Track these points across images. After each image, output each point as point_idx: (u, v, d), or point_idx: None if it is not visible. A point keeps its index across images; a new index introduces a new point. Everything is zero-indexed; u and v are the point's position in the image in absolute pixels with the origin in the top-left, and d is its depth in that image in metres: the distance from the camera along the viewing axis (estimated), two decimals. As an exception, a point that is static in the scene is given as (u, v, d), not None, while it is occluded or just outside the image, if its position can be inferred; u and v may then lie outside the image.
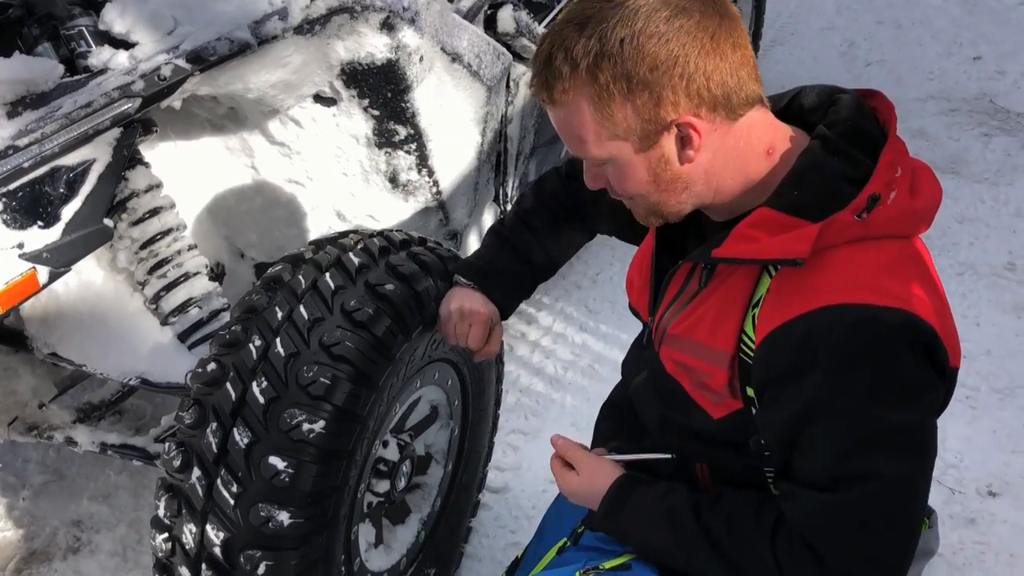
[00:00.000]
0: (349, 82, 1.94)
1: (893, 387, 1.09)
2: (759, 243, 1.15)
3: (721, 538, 1.19)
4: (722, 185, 1.20)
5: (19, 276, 1.49)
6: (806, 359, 1.09)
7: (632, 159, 1.17)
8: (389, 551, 1.81)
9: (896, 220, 1.15)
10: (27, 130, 1.44)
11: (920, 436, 1.11)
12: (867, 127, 1.20)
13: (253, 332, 1.44)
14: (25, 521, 2.24)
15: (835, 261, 1.12)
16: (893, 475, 1.09)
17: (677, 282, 1.31)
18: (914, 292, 1.11)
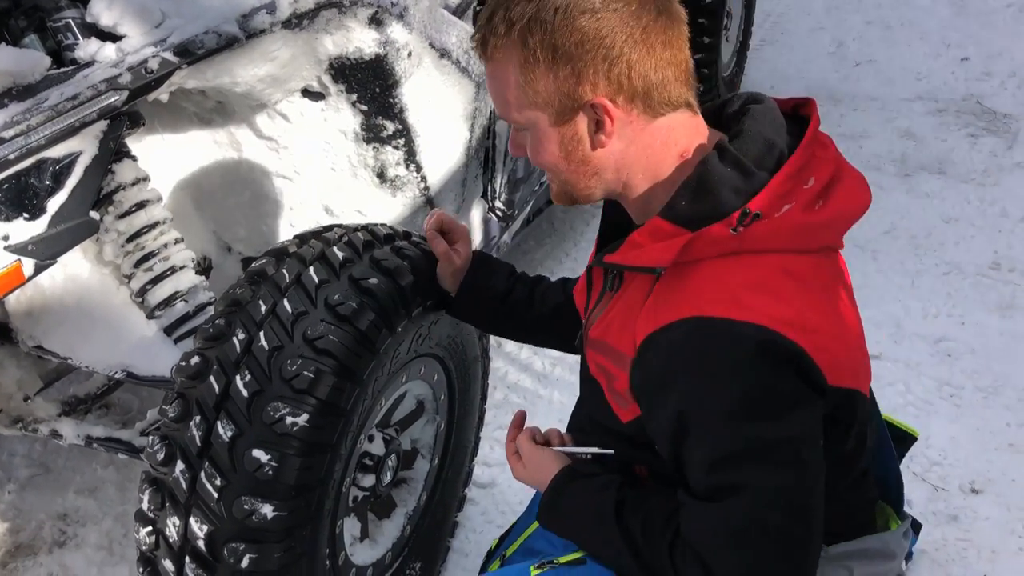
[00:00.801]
0: (337, 77, 1.94)
1: (753, 402, 1.08)
2: (642, 250, 1.17)
3: (637, 539, 1.19)
4: (632, 180, 1.20)
5: (4, 268, 1.48)
6: (668, 369, 1.11)
7: (547, 131, 1.18)
8: (374, 545, 1.82)
9: (780, 234, 1.13)
10: (13, 122, 1.43)
11: (790, 449, 1.09)
12: (774, 139, 1.18)
13: (237, 326, 1.44)
14: (10, 514, 2.24)
15: (703, 273, 1.13)
16: (764, 487, 1.08)
17: (597, 286, 1.33)
18: (783, 309, 1.09)
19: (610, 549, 1.23)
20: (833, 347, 1.12)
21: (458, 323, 1.81)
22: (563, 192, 1.27)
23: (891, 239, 3.49)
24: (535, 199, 2.88)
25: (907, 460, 2.36)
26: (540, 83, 1.14)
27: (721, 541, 1.10)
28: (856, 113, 4.51)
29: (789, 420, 1.09)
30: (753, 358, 1.07)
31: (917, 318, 3.03)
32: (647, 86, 1.14)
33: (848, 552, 1.28)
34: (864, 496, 1.32)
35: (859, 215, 1.21)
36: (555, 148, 1.20)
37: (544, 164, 1.23)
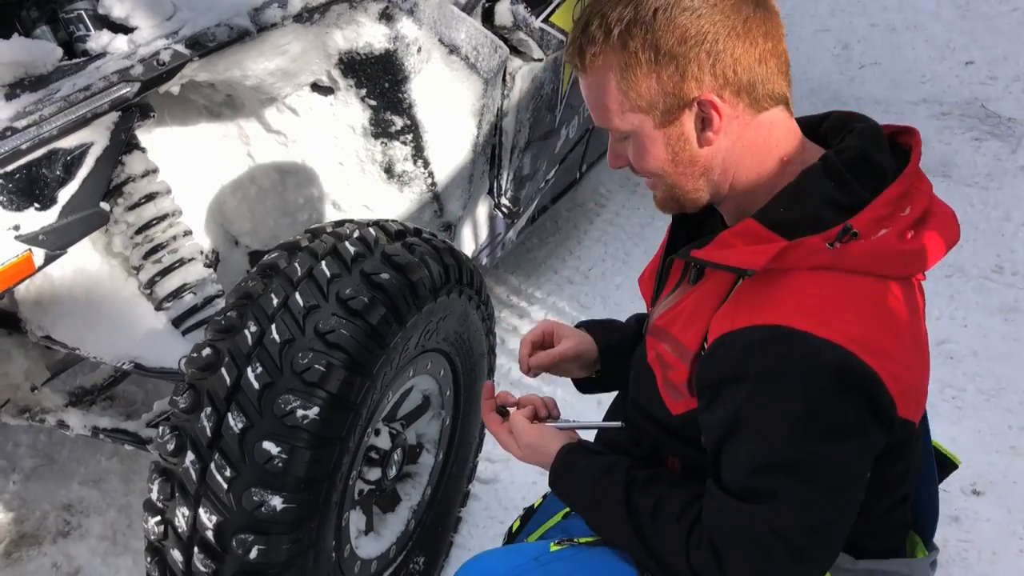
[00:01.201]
0: (347, 71, 1.95)
1: (814, 421, 1.08)
2: (731, 250, 1.16)
3: (645, 522, 1.20)
4: (737, 178, 1.19)
5: (15, 258, 1.49)
6: (739, 371, 1.10)
7: (652, 134, 1.17)
8: (379, 538, 1.83)
9: (874, 257, 1.13)
10: (25, 112, 1.43)
11: (836, 474, 1.10)
12: (878, 159, 1.18)
13: (248, 318, 1.44)
14: (15, 504, 2.24)
15: (793, 283, 1.12)
16: (799, 503, 1.09)
17: (674, 278, 1.32)
18: (866, 333, 1.09)
19: (615, 528, 1.24)
20: (906, 378, 1.12)
21: (466, 319, 1.82)
22: (670, 198, 1.24)
23: (894, 241, 3.50)
24: (540, 196, 2.88)
25: (909, 461, 2.38)
26: (643, 85, 1.14)
27: (741, 540, 1.11)
28: (860, 115, 4.51)
29: (845, 447, 1.09)
30: (828, 378, 1.07)
31: (921, 322, 3.03)
32: (752, 79, 1.14)
33: (875, 570, 1.28)
34: (899, 521, 1.32)
35: (948, 249, 1.20)
36: (661, 151, 1.18)
37: (650, 170, 1.21)
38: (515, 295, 3.22)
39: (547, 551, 1.29)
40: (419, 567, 1.96)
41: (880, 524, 1.28)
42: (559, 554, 1.29)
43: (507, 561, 1.29)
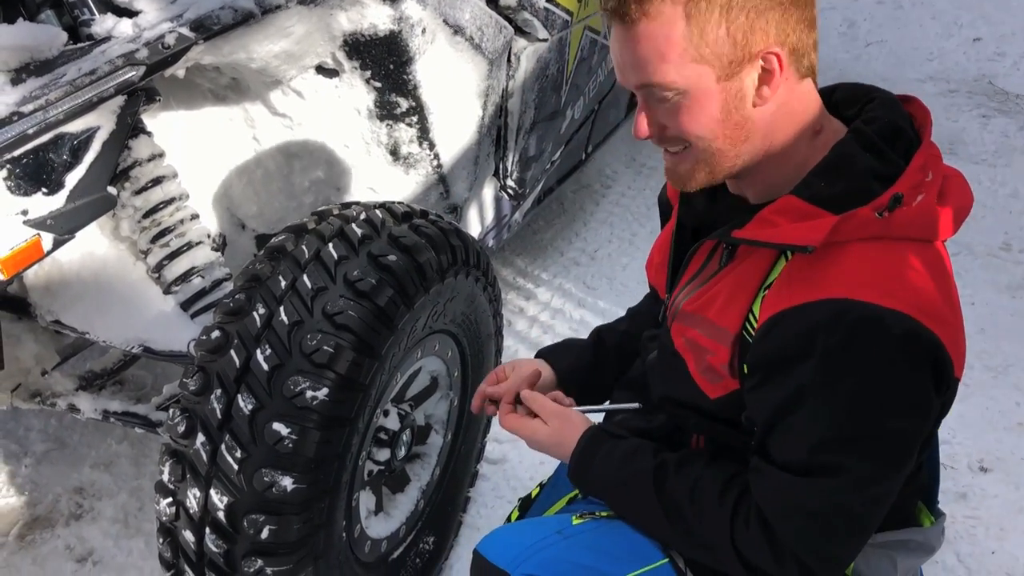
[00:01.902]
0: (352, 53, 1.94)
1: (884, 393, 1.08)
2: (778, 228, 1.15)
3: (683, 506, 1.20)
4: (774, 147, 1.18)
5: (23, 242, 1.49)
6: (804, 347, 1.09)
7: (711, 89, 1.13)
8: (389, 519, 1.84)
9: (918, 222, 1.13)
10: (31, 97, 1.44)
11: (899, 445, 1.11)
12: (903, 127, 1.19)
13: (257, 300, 1.45)
14: (28, 488, 2.26)
15: (849, 255, 1.11)
16: (861, 476, 1.09)
17: (698, 261, 1.31)
18: (925, 300, 1.09)
19: (645, 513, 1.24)
20: (959, 338, 1.14)
21: (473, 301, 1.83)
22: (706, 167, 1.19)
23: (901, 219, 3.49)
24: (546, 178, 2.88)
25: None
26: (712, 33, 1.10)
27: (799, 515, 1.11)
28: (866, 93, 4.49)
29: (911, 418, 1.10)
30: (898, 347, 1.07)
31: (927, 298, 3.03)
32: (801, 44, 1.13)
33: (893, 542, 1.29)
34: (915, 487, 1.33)
35: (969, 209, 1.22)
36: (715, 109, 1.14)
37: (697, 130, 1.16)
38: (521, 277, 3.22)
39: (569, 524, 1.30)
40: (429, 546, 1.97)
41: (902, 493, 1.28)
42: (582, 527, 1.29)
43: (530, 534, 1.29)
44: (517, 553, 1.24)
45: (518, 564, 1.23)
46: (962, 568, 2.07)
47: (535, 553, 1.24)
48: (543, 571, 1.21)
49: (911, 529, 1.32)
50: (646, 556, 1.25)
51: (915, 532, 1.32)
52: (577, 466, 1.31)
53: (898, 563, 1.30)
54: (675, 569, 1.25)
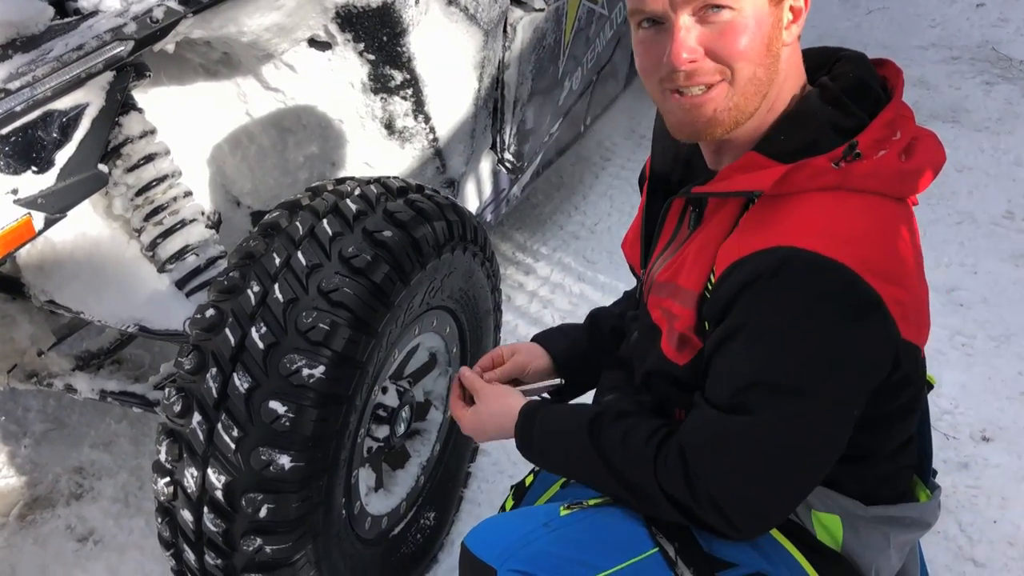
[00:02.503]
0: (344, 25, 1.91)
1: (811, 342, 1.08)
2: (731, 179, 1.16)
3: (616, 450, 1.21)
4: (780, 95, 1.19)
5: (15, 222, 1.47)
6: (745, 292, 1.10)
7: (764, 9, 1.13)
8: (389, 495, 1.83)
9: (879, 176, 1.13)
10: (18, 73, 1.41)
11: (831, 395, 1.09)
12: (869, 83, 1.19)
13: (251, 278, 1.43)
14: (27, 468, 2.26)
15: (801, 205, 1.12)
16: (779, 422, 1.09)
17: (668, 230, 1.32)
18: (872, 255, 1.09)
19: (584, 463, 1.25)
20: (908, 300, 1.12)
21: (471, 276, 1.81)
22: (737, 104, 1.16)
23: (903, 189, 3.46)
24: (544, 151, 2.85)
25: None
26: None
27: (714, 449, 1.11)
28: (868, 61, 4.44)
29: (837, 370, 1.09)
30: (832, 298, 1.07)
31: (929, 267, 2.95)
32: None
33: (887, 517, 1.28)
34: (908, 462, 1.32)
35: (939, 169, 1.21)
36: (764, 33, 1.13)
37: (747, 53, 1.13)
38: (520, 251, 3.20)
39: (557, 516, 1.29)
40: (430, 522, 1.97)
41: (893, 467, 1.28)
42: (569, 518, 1.28)
43: (518, 527, 1.28)
44: (504, 548, 1.23)
45: (505, 559, 1.21)
46: (963, 537, 2.07)
47: (522, 548, 1.22)
48: (531, 567, 1.20)
49: (906, 505, 1.31)
50: (635, 546, 1.24)
51: (910, 508, 1.31)
52: (521, 436, 1.32)
53: (892, 538, 1.29)
54: (665, 558, 1.23)
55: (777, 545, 1.23)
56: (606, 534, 1.25)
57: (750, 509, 1.13)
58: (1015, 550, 2.05)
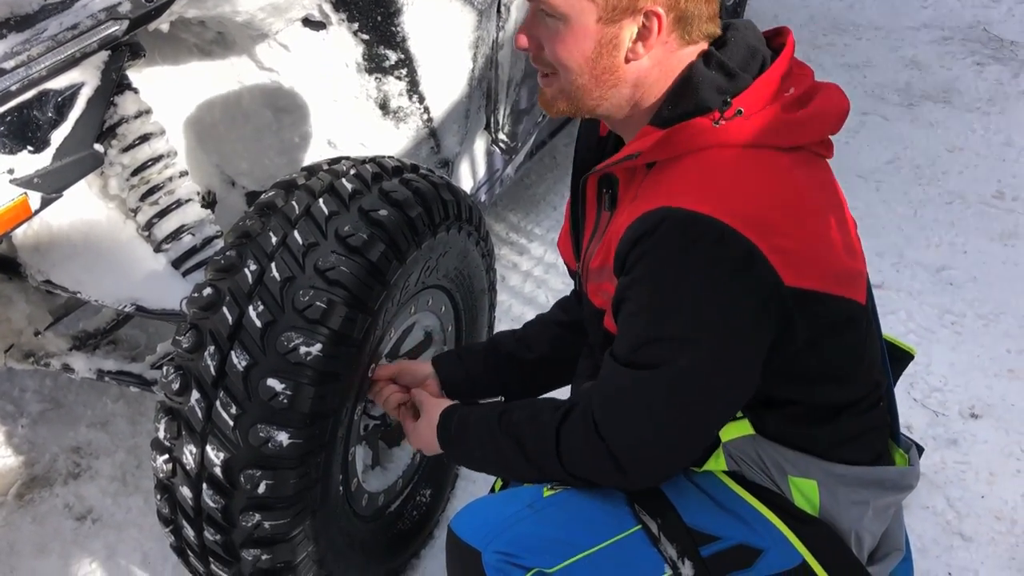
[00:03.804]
0: (338, 5, 1.91)
1: (692, 292, 1.13)
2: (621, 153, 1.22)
3: (523, 432, 1.26)
4: (644, 99, 1.23)
5: (11, 202, 1.48)
6: (631, 253, 1.16)
7: (589, 26, 1.18)
8: (386, 472, 1.85)
9: (762, 129, 1.16)
10: (12, 52, 1.41)
11: (713, 342, 1.13)
12: (757, 46, 1.23)
13: (248, 257, 1.44)
14: (25, 448, 2.27)
15: (683, 166, 1.17)
16: (673, 372, 1.14)
17: (591, 218, 1.37)
18: (747, 206, 1.12)
19: (497, 452, 1.30)
20: (793, 248, 1.14)
21: (465, 256, 1.82)
22: (568, 97, 1.25)
23: (894, 169, 3.48)
24: (538, 131, 2.86)
25: (907, 386, 2.40)
26: None
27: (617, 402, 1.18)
28: (860, 42, 4.45)
29: (720, 318, 1.13)
30: (705, 251, 1.11)
31: (919, 247, 3.04)
32: (694, 14, 1.18)
33: (863, 479, 1.30)
34: (874, 423, 1.34)
35: (840, 117, 1.25)
36: (588, 47, 1.19)
37: (566, 61, 1.21)
38: (514, 232, 3.21)
39: (540, 497, 1.31)
40: (426, 499, 1.99)
41: (859, 427, 1.31)
42: (552, 499, 1.30)
43: (501, 509, 1.31)
44: (489, 530, 1.26)
45: (489, 541, 1.24)
46: (952, 512, 2.10)
47: (506, 529, 1.25)
48: (514, 547, 1.23)
49: (882, 468, 1.33)
50: (618, 524, 1.27)
51: (885, 471, 1.34)
52: (440, 434, 1.40)
53: (871, 501, 1.31)
54: (648, 535, 1.26)
55: (758, 515, 1.26)
56: (588, 513, 1.27)
57: (640, 462, 1.19)
58: (1002, 524, 2.08)
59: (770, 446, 1.29)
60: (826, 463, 1.28)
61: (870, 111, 3.87)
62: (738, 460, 1.29)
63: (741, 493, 1.28)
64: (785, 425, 1.28)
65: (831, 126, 1.25)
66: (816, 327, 1.19)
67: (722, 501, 1.28)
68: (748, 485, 1.29)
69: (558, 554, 1.22)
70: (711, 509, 1.28)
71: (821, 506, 1.29)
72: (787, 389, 1.26)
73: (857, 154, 3.55)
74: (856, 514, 1.30)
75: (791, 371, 1.23)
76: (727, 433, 1.28)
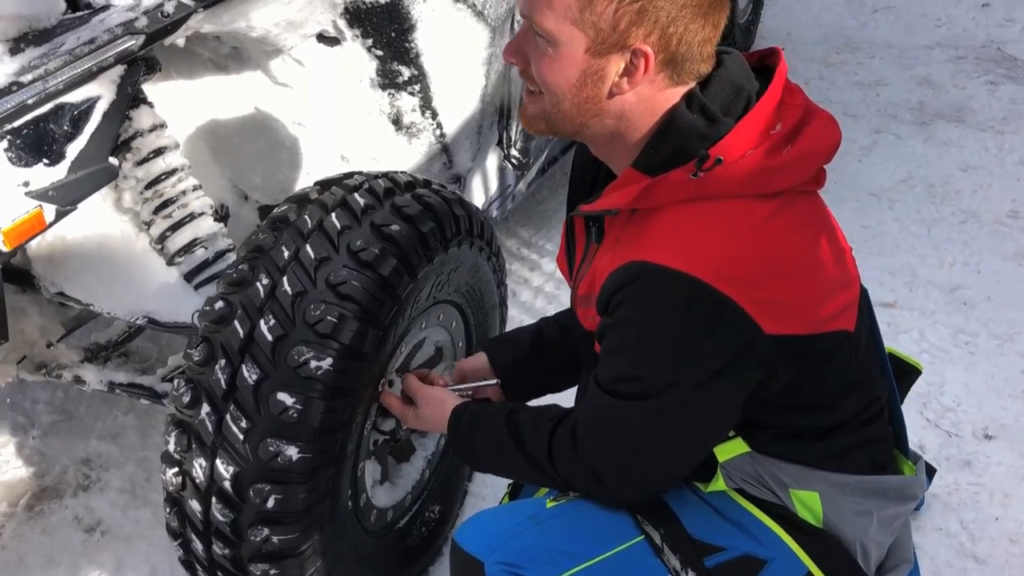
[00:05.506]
0: (353, 21, 1.92)
1: (666, 341, 1.17)
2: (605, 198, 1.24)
3: (523, 430, 1.32)
4: (627, 131, 1.23)
5: (26, 214, 1.49)
6: (616, 299, 1.20)
7: (577, 55, 1.17)
8: (395, 488, 1.84)
9: (740, 179, 1.16)
10: (30, 66, 1.42)
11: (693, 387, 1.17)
12: (742, 84, 1.21)
13: (260, 271, 1.45)
14: (35, 459, 2.27)
15: (659, 220, 1.19)
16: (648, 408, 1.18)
17: (581, 245, 1.39)
18: (718, 261, 1.13)
19: (501, 450, 1.34)
20: (774, 298, 1.16)
21: (477, 271, 1.82)
22: (545, 118, 1.26)
23: (907, 188, 3.47)
24: (550, 148, 2.86)
25: (920, 406, 2.39)
26: (600, 6, 1.13)
27: (599, 426, 1.23)
28: (873, 61, 4.45)
29: (693, 365, 1.16)
30: (681, 303, 1.14)
31: (933, 266, 3.02)
32: (687, 56, 1.17)
33: (864, 488, 1.29)
34: (875, 434, 1.34)
35: (827, 154, 1.23)
36: (573, 75, 1.19)
37: (551, 84, 1.21)
38: (526, 248, 3.21)
39: (543, 508, 1.32)
40: (434, 515, 1.98)
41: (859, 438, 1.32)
42: (555, 510, 1.31)
43: (504, 521, 1.31)
44: (491, 541, 1.26)
45: (491, 552, 1.25)
46: (965, 534, 2.08)
47: (508, 540, 1.26)
48: (517, 558, 1.23)
49: (882, 477, 1.33)
50: (621, 535, 1.27)
51: (887, 480, 1.33)
52: (450, 431, 1.43)
53: (875, 511, 1.30)
54: (651, 545, 1.26)
55: (762, 526, 1.26)
56: (591, 524, 1.28)
57: (623, 476, 1.24)
58: (1016, 547, 2.06)
59: (767, 461, 1.29)
60: (825, 473, 1.29)
61: (883, 129, 3.86)
62: (737, 479, 1.29)
63: (745, 504, 1.29)
64: (778, 441, 1.30)
65: (819, 163, 1.23)
66: (799, 365, 1.21)
67: (725, 512, 1.30)
68: (751, 498, 1.29)
69: (560, 565, 1.23)
70: (715, 520, 1.29)
71: (824, 517, 1.29)
72: (771, 417, 1.28)
73: (870, 172, 3.54)
74: (861, 525, 1.30)
75: (774, 403, 1.25)
76: (723, 453, 1.29)
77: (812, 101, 1.26)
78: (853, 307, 1.28)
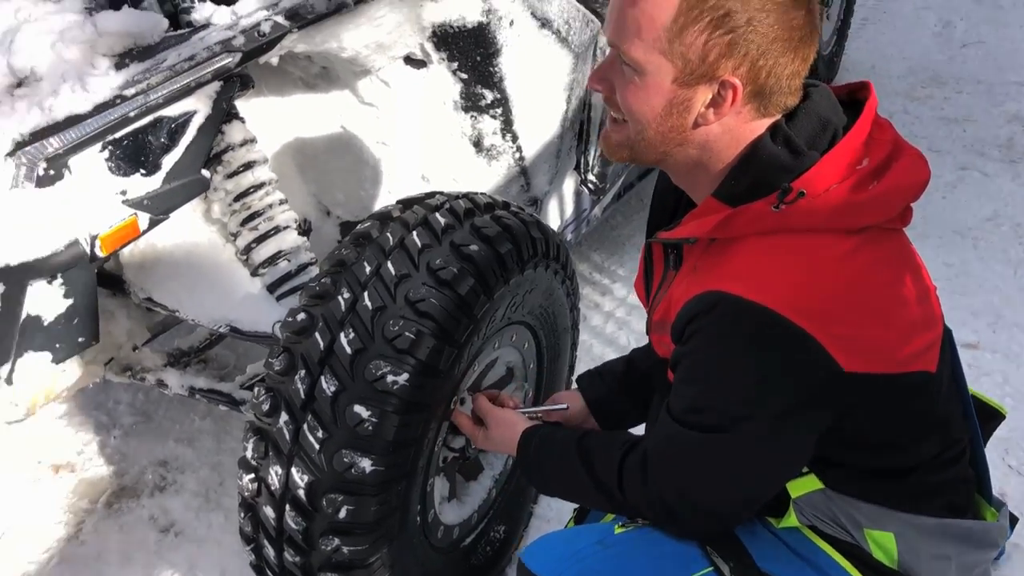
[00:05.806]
0: (440, 44, 1.96)
1: (740, 374, 1.15)
2: (684, 227, 1.24)
3: (593, 455, 1.32)
4: (709, 163, 1.22)
5: (122, 221, 1.55)
6: (691, 328, 1.19)
7: (664, 84, 1.17)
8: (462, 506, 1.85)
9: (822, 213, 1.14)
10: (133, 80, 1.49)
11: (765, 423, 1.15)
12: (829, 117, 1.20)
13: (342, 285, 1.48)
14: (116, 459, 2.35)
15: (738, 250, 1.17)
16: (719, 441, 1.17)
17: (658, 271, 1.39)
18: (799, 294, 1.12)
19: (570, 475, 1.35)
20: (851, 334, 1.13)
21: (551, 293, 1.83)
22: (632, 147, 1.25)
23: (994, 226, 3.37)
24: (627, 174, 2.86)
25: (1003, 452, 2.31)
26: (690, 37, 1.13)
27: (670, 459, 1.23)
28: (961, 96, 4.34)
29: (768, 399, 1.15)
30: (757, 336, 1.13)
31: (1018, 308, 2.92)
32: (775, 89, 1.16)
33: (942, 531, 1.26)
34: (954, 475, 1.30)
35: (914, 191, 1.21)
36: (659, 105, 1.18)
37: (636, 113, 1.21)
38: (598, 272, 3.21)
39: (611, 533, 1.31)
40: (499, 535, 1.99)
41: (937, 479, 1.28)
42: (623, 536, 1.30)
43: (572, 544, 1.31)
44: (558, 563, 1.27)
45: (558, 574, 1.24)
46: None
47: (575, 563, 1.26)
48: None
49: (961, 521, 1.29)
50: (688, 565, 1.26)
51: (975, 524, 1.29)
52: (520, 453, 1.45)
53: (954, 557, 1.26)
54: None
55: (834, 563, 1.24)
56: (659, 552, 1.27)
57: (693, 510, 1.23)
58: (1102, 604, 1.97)
59: (841, 499, 1.26)
60: (902, 514, 1.25)
61: (969, 166, 3.76)
62: (810, 515, 1.27)
63: (817, 542, 1.27)
64: (854, 479, 1.27)
65: (906, 200, 1.21)
66: (877, 405, 1.18)
67: (797, 548, 1.27)
68: (824, 536, 1.27)
69: None
70: (785, 555, 1.27)
71: (900, 559, 1.25)
72: (847, 455, 1.25)
73: (955, 210, 3.45)
74: (938, 569, 1.26)
75: (849, 441, 1.23)
76: (795, 489, 1.27)
77: (902, 137, 1.24)
78: (935, 347, 1.25)
